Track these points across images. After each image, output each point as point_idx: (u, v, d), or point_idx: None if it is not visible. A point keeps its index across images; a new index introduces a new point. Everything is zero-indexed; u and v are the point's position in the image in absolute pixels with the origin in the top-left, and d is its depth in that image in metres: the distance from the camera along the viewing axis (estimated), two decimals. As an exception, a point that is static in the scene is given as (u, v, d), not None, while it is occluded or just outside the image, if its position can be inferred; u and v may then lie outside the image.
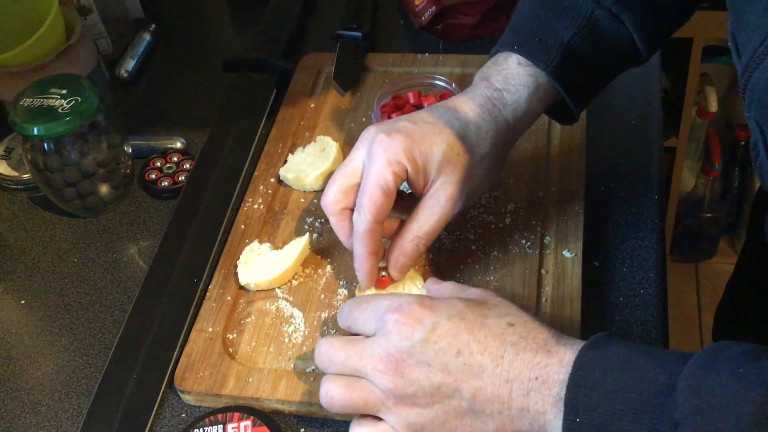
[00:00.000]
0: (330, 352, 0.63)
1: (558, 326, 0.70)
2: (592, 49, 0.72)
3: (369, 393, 0.61)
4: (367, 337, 0.63)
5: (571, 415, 0.54)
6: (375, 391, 0.60)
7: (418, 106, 0.89)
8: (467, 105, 0.71)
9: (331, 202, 0.71)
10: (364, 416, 0.63)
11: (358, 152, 0.70)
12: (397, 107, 0.89)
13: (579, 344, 0.57)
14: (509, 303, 0.62)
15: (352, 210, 0.70)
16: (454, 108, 0.71)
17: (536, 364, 0.56)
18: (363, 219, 0.68)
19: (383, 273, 0.72)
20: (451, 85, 0.89)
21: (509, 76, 0.72)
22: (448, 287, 0.68)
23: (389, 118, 0.87)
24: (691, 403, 0.50)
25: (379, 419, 0.62)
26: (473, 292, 0.65)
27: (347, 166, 0.70)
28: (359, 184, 0.69)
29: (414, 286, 0.73)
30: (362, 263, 0.70)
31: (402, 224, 0.71)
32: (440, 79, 0.90)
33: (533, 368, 0.56)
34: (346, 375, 0.62)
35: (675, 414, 0.50)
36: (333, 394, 0.62)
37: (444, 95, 0.89)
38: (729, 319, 1.04)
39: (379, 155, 0.67)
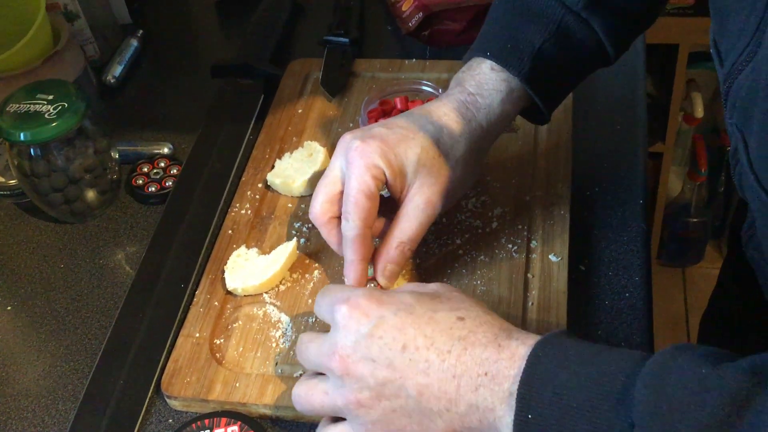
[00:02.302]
0: (300, 347, 0.63)
1: (544, 330, 0.71)
2: (563, 53, 0.73)
3: (323, 394, 0.60)
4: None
5: (522, 412, 0.52)
6: (329, 391, 0.59)
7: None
8: (441, 109, 0.72)
9: (319, 214, 0.72)
10: (333, 417, 0.62)
11: (337, 161, 0.71)
12: (385, 112, 0.89)
13: (533, 339, 0.55)
14: (464, 296, 0.61)
15: (339, 217, 0.71)
16: (428, 113, 0.72)
17: (485, 359, 0.55)
18: (352, 226, 0.69)
19: (372, 284, 0.73)
20: (437, 91, 0.89)
21: (482, 81, 0.73)
22: (408, 286, 0.67)
23: (376, 123, 0.87)
24: (650, 403, 0.48)
25: (342, 419, 0.61)
26: (431, 287, 0.63)
27: (328, 176, 0.71)
28: (342, 192, 0.70)
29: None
30: (353, 270, 0.70)
31: (386, 227, 0.71)
32: (427, 85, 0.90)
33: (482, 363, 0.55)
34: (316, 373, 0.62)
35: (632, 413, 0.49)
36: (296, 399, 0.62)
37: (431, 100, 0.89)
38: (714, 328, 1.04)
39: (356, 162, 0.68)
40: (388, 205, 0.72)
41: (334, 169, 0.71)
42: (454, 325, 0.57)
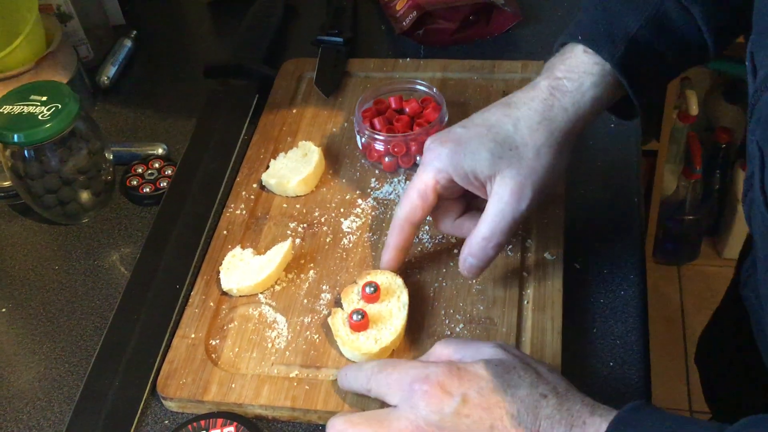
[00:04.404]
0: (350, 431, 0.62)
1: (539, 328, 0.71)
2: (659, 41, 0.70)
3: None
4: (385, 406, 0.62)
5: None
6: None
7: (400, 111, 0.89)
8: (522, 98, 0.71)
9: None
10: None
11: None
12: (379, 112, 0.89)
13: (612, 414, 0.56)
14: (534, 363, 0.61)
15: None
16: (507, 104, 0.71)
17: None
18: (396, 215, 0.73)
19: (372, 289, 0.73)
20: (432, 90, 0.89)
21: (573, 64, 0.70)
22: (467, 347, 0.65)
23: (370, 122, 0.87)
24: None
25: None
26: (495, 354, 0.62)
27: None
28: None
29: (397, 300, 0.73)
30: (385, 251, 0.75)
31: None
32: (421, 84, 0.90)
33: None
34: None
35: None
36: None
37: (425, 100, 0.90)
38: (712, 347, 1.03)
39: (426, 163, 0.71)
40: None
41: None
42: (538, 404, 0.57)
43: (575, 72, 0.70)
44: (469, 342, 0.65)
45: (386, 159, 0.86)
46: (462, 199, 0.75)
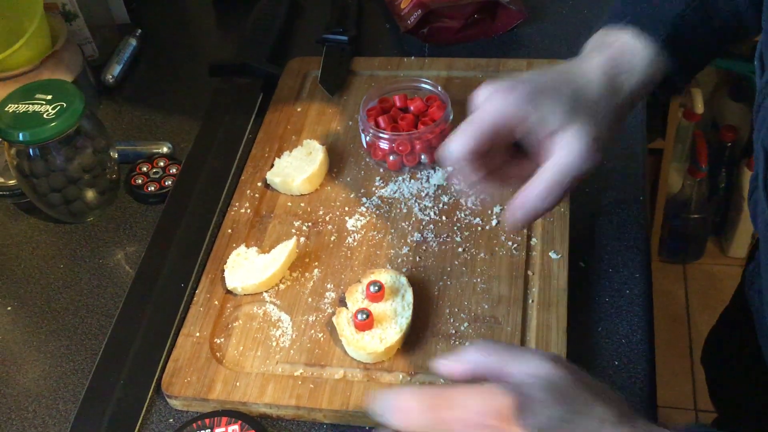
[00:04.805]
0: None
1: (544, 327, 0.71)
2: (703, 21, 0.69)
3: None
4: None
5: None
6: None
7: (404, 109, 0.89)
8: (586, 65, 0.68)
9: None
10: None
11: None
12: (383, 110, 0.89)
13: None
14: (593, 386, 0.54)
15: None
16: (569, 70, 0.68)
17: None
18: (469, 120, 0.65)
19: (376, 288, 0.73)
20: (436, 88, 0.89)
21: (623, 47, 0.68)
22: (525, 363, 0.54)
23: (375, 121, 0.87)
24: None
25: None
26: (546, 368, 0.53)
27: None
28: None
29: (401, 299, 0.73)
30: (453, 137, 0.65)
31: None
32: (426, 82, 0.90)
33: None
34: None
35: None
36: None
37: (430, 98, 0.90)
38: (718, 348, 1.03)
39: (486, 106, 0.65)
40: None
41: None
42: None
43: (625, 54, 0.68)
44: (517, 352, 0.56)
45: (391, 158, 0.86)
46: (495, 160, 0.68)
